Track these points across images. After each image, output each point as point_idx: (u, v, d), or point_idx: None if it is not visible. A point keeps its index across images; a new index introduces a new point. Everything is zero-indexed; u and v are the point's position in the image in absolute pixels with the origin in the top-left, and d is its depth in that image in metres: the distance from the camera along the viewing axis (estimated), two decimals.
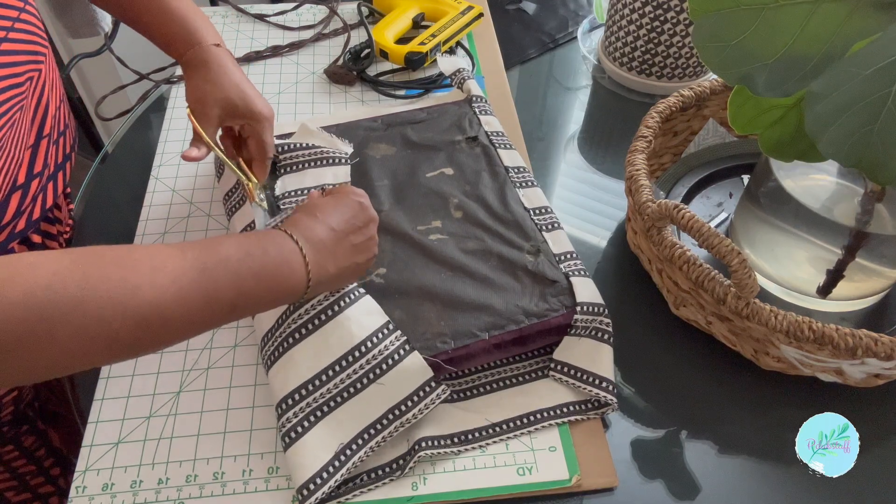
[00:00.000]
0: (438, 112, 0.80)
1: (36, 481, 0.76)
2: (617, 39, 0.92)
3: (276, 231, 0.51)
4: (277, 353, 0.57)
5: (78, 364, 0.42)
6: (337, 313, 0.56)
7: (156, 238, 0.72)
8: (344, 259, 0.54)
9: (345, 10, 1.02)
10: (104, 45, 0.91)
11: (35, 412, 0.72)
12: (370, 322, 0.57)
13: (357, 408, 0.55)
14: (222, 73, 0.64)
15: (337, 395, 0.55)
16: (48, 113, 0.65)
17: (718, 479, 0.57)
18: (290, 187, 0.69)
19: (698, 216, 0.57)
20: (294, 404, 0.55)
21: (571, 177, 0.84)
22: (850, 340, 0.53)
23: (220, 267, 0.46)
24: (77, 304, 0.39)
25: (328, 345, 0.56)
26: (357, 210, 0.56)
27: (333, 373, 0.55)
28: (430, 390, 0.56)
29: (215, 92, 0.63)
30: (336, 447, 0.54)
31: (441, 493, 0.54)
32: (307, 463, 0.53)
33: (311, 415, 0.55)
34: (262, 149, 0.66)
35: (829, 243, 0.61)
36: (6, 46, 0.57)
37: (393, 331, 0.57)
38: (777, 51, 0.49)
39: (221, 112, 0.63)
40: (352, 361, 0.55)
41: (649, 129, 0.69)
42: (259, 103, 0.65)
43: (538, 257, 0.64)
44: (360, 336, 0.56)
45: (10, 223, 0.61)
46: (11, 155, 0.59)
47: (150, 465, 0.56)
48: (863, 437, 0.53)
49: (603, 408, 0.59)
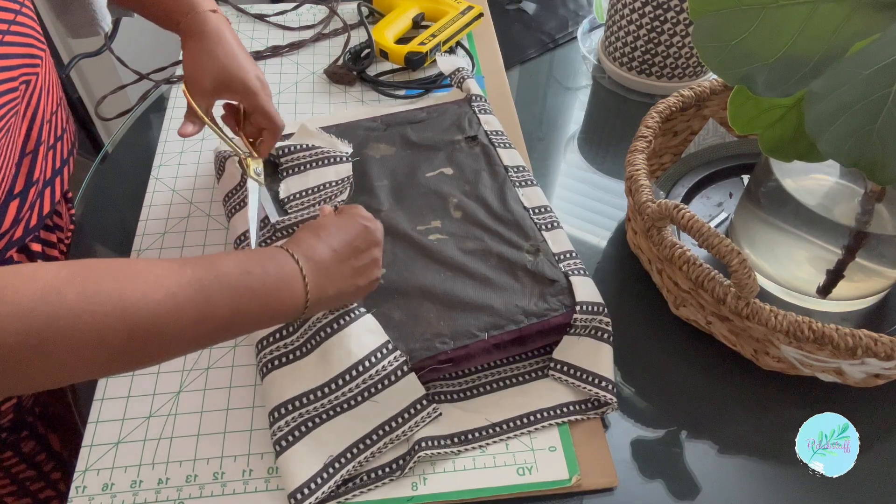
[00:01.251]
0: (438, 112, 0.80)
1: (36, 486, 0.75)
2: (617, 39, 0.92)
3: (277, 250, 0.51)
4: (277, 363, 0.57)
5: (73, 376, 0.42)
6: (337, 330, 0.56)
7: (156, 238, 0.72)
8: (344, 281, 0.54)
9: (345, 10, 1.02)
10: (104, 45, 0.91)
11: (35, 417, 0.72)
12: (370, 341, 0.57)
13: (349, 422, 0.55)
14: (218, 43, 0.63)
15: (330, 409, 0.55)
16: (44, 118, 0.64)
17: (718, 479, 0.57)
18: (294, 189, 0.70)
19: (698, 216, 0.57)
20: (287, 413, 0.55)
21: (571, 177, 0.84)
22: (849, 340, 0.53)
23: (218, 283, 0.46)
24: (73, 318, 0.39)
25: (328, 361, 0.56)
26: (361, 233, 0.55)
27: (329, 390, 0.55)
28: (421, 408, 0.56)
29: (210, 64, 0.62)
30: (325, 459, 0.54)
31: (441, 493, 0.54)
32: (296, 472, 0.53)
33: (303, 425, 0.55)
34: (271, 119, 0.64)
35: (829, 243, 0.61)
36: (2, 50, 0.56)
37: (392, 351, 0.57)
38: (777, 51, 0.49)
39: (215, 84, 0.63)
40: (349, 380, 0.55)
41: (649, 129, 0.69)
42: (252, 76, 0.63)
43: (538, 257, 0.64)
44: (359, 355, 0.56)
45: (8, 231, 0.61)
46: (7, 161, 0.59)
47: (150, 465, 0.56)
48: (863, 437, 0.53)
49: (603, 407, 0.59)
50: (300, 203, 0.69)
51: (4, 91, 0.57)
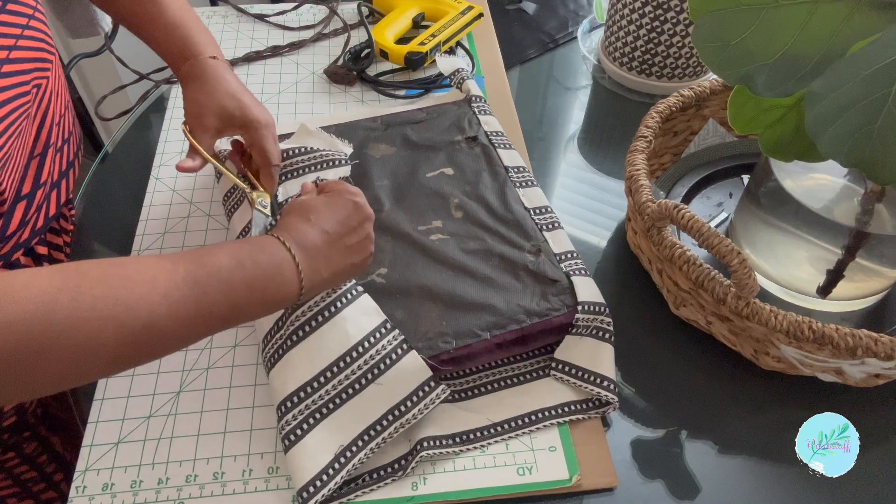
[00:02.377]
0: (438, 112, 0.80)
1: (38, 487, 0.75)
2: (617, 39, 0.92)
3: (268, 238, 0.51)
4: (277, 356, 0.57)
5: (74, 380, 0.42)
6: (334, 314, 0.57)
7: (156, 238, 0.72)
8: (338, 262, 0.54)
9: (345, 10, 1.02)
10: (104, 45, 0.91)
11: (37, 419, 0.72)
12: (367, 322, 0.57)
13: (356, 409, 0.55)
14: (217, 83, 0.63)
15: (336, 397, 0.55)
16: (53, 121, 0.64)
17: (718, 479, 0.57)
18: (293, 192, 0.69)
19: (698, 216, 0.57)
20: (293, 406, 0.55)
21: (571, 177, 0.84)
22: (849, 340, 0.53)
23: (212, 279, 0.46)
24: (70, 322, 0.39)
25: (326, 346, 0.56)
26: (351, 210, 0.55)
27: (332, 374, 0.55)
28: (429, 390, 0.56)
29: (210, 102, 0.62)
30: (336, 449, 0.54)
31: (441, 492, 0.54)
32: (307, 465, 0.53)
33: (311, 417, 0.55)
34: (265, 157, 0.64)
35: (830, 243, 0.61)
36: (16, 54, 0.56)
37: (390, 330, 0.57)
38: (777, 51, 0.49)
39: (218, 122, 0.63)
40: (349, 362, 0.55)
41: (649, 129, 0.69)
42: (256, 111, 0.64)
43: (539, 257, 0.64)
44: (357, 336, 0.56)
45: (16, 233, 0.61)
46: (17, 163, 0.58)
47: (151, 464, 0.56)
48: (863, 437, 0.53)
49: (604, 407, 0.59)
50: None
51: (18, 95, 0.56)
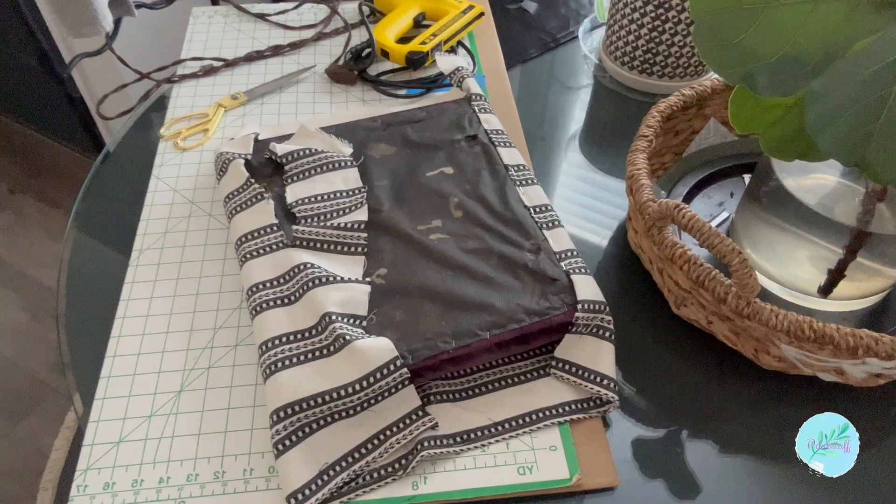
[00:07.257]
0: (437, 111, 0.80)
1: None
2: (618, 39, 0.92)
3: None
4: (281, 365, 0.57)
5: None
6: (350, 342, 0.56)
7: (157, 237, 0.72)
8: None
9: (346, 10, 1.02)
10: (105, 44, 0.91)
11: None
12: (377, 357, 0.56)
13: (345, 430, 0.55)
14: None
15: (328, 416, 0.55)
16: None
17: (719, 479, 0.57)
18: (302, 194, 0.69)
19: (699, 216, 0.57)
20: (286, 417, 0.54)
21: (572, 176, 0.84)
22: (850, 340, 0.53)
23: None
24: None
25: (335, 369, 0.56)
26: None
27: (331, 398, 0.55)
28: (416, 418, 0.56)
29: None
30: (319, 467, 0.54)
31: (441, 492, 0.54)
32: (292, 477, 0.53)
33: (300, 430, 0.55)
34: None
35: (831, 243, 0.61)
36: None
37: (398, 368, 0.56)
38: (778, 50, 0.49)
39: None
40: (354, 391, 0.55)
41: (650, 129, 0.69)
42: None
43: (539, 255, 0.64)
44: (366, 369, 0.55)
45: None
46: None
47: (151, 464, 0.56)
48: (863, 437, 0.53)
49: (605, 405, 0.59)
50: (309, 209, 0.68)
51: None
